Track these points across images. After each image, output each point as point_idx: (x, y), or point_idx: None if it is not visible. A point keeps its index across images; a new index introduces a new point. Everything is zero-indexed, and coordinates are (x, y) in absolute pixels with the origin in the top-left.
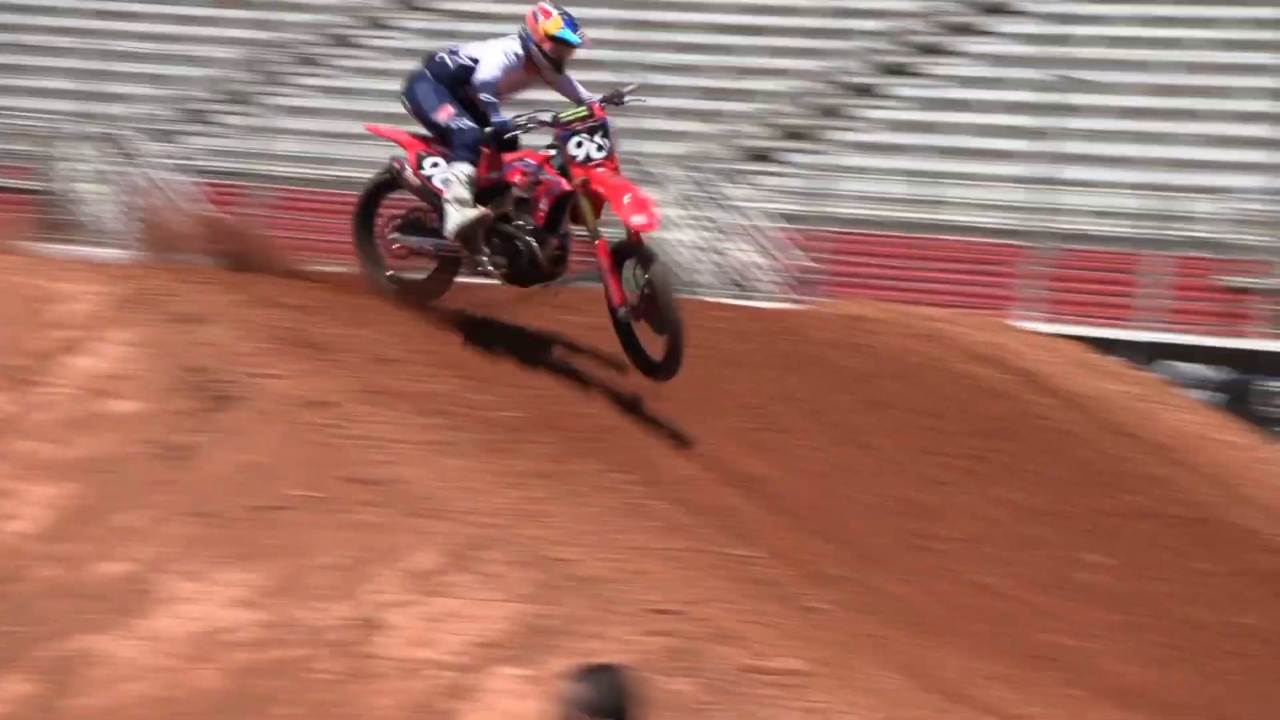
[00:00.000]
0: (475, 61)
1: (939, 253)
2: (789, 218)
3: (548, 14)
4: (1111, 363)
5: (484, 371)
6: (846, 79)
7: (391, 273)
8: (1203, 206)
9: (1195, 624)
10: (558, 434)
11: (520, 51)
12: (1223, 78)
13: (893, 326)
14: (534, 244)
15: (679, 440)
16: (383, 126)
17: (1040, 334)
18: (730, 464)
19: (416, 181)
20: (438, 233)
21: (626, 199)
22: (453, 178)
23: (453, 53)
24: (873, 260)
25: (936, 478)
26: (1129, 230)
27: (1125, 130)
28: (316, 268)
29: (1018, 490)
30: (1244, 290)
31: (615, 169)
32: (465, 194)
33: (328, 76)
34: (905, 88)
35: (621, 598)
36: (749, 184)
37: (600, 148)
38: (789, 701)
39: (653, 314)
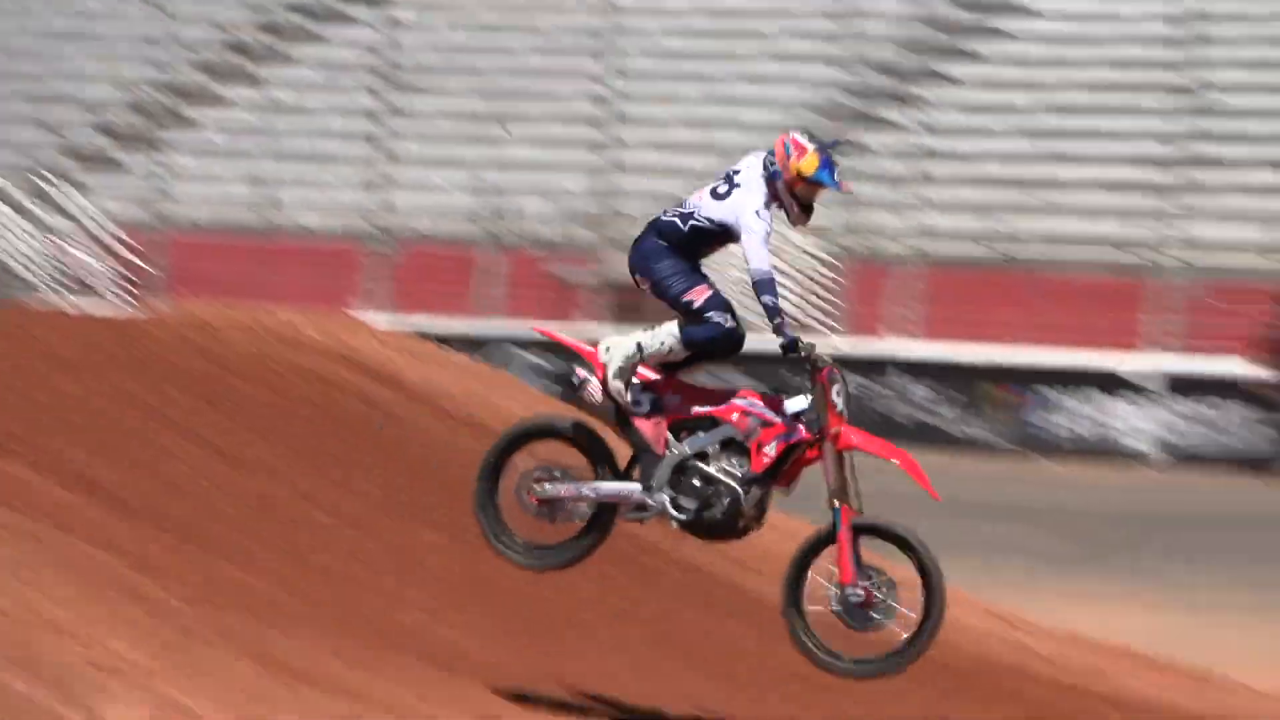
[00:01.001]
0: (714, 223)
1: (282, 254)
2: (129, 222)
3: (802, 150)
4: (454, 355)
5: None
6: (180, 82)
7: (522, 540)
8: (533, 206)
9: (531, 598)
10: None
11: (769, 203)
12: (547, 81)
13: (239, 328)
14: (741, 492)
15: (14, 445)
16: (563, 334)
17: (385, 330)
18: (69, 466)
19: (603, 401)
20: (599, 480)
21: (908, 461)
22: (666, 347)
23: (682, 212)
24: (216, 263)
25: (286, 472)
26: (465, 228)
27: (458, 133)
28: None
29: (368, 481)
30: (574, 282)
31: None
32: (636, 360)
33: None
34: (242, 91)
35: None
36: (86, 189)
37: (847, 402)
38: (135, 694)
39: (928, 603)
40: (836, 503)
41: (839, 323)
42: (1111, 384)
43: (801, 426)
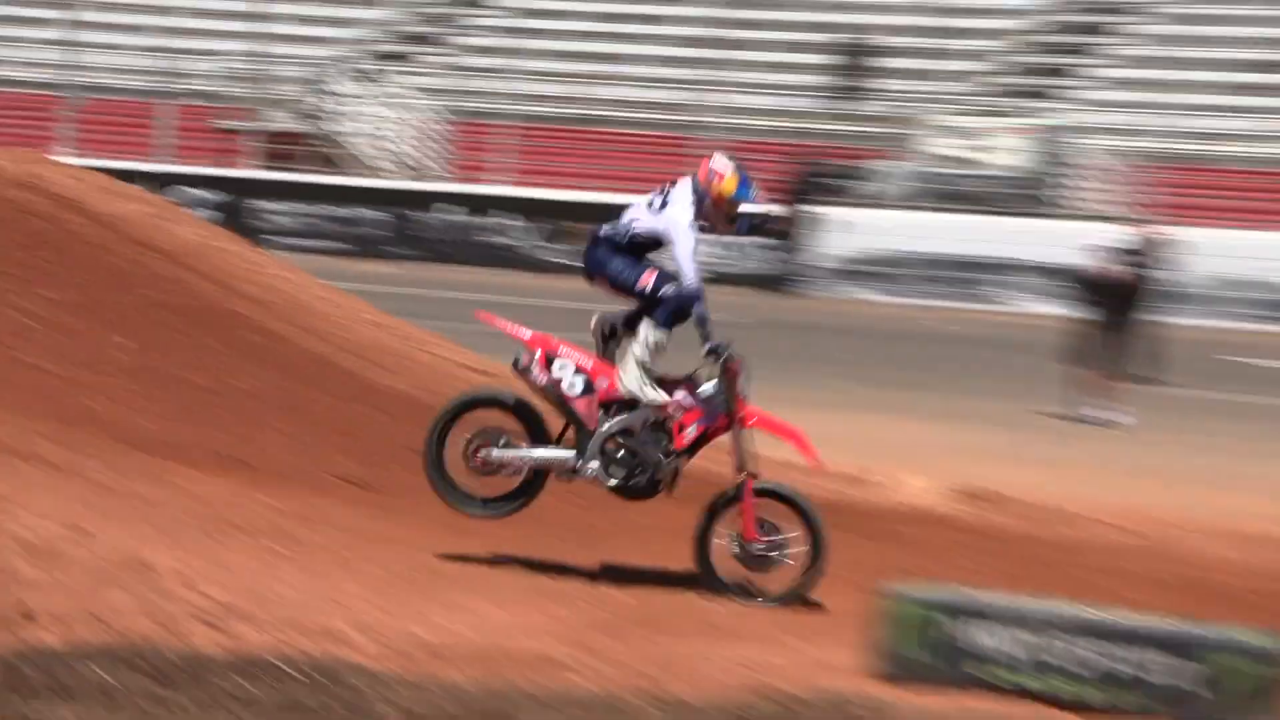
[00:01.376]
0: (650, 233)
1: None
2: None
3: (722, 175)
4: (132, 189)
5: None
6: None
7: (473, 494)
8: (201, 65)
9: (199, 387)
10: None
11: (696, 219)
12: None
13: None
14: (664, 464)
15: None
16: (501, 319)
17: (73, 166)
18: None
19: (544, 382)
20: (533, 446)
21: (798, 439)
22: (654, 342)
23: (621, 226)
24: None
25: None
26: (144, 83)
27: (139, 3)
28: None
29: (57, 290)
30: (234, 131)
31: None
32: (652, 368)
33: None
34: None
35: None
36: None
37: (748, 386)
38: None
39: (813, 551)
40: (742, 473)
41: (450, 169)
42: None
43: (720, 412)
